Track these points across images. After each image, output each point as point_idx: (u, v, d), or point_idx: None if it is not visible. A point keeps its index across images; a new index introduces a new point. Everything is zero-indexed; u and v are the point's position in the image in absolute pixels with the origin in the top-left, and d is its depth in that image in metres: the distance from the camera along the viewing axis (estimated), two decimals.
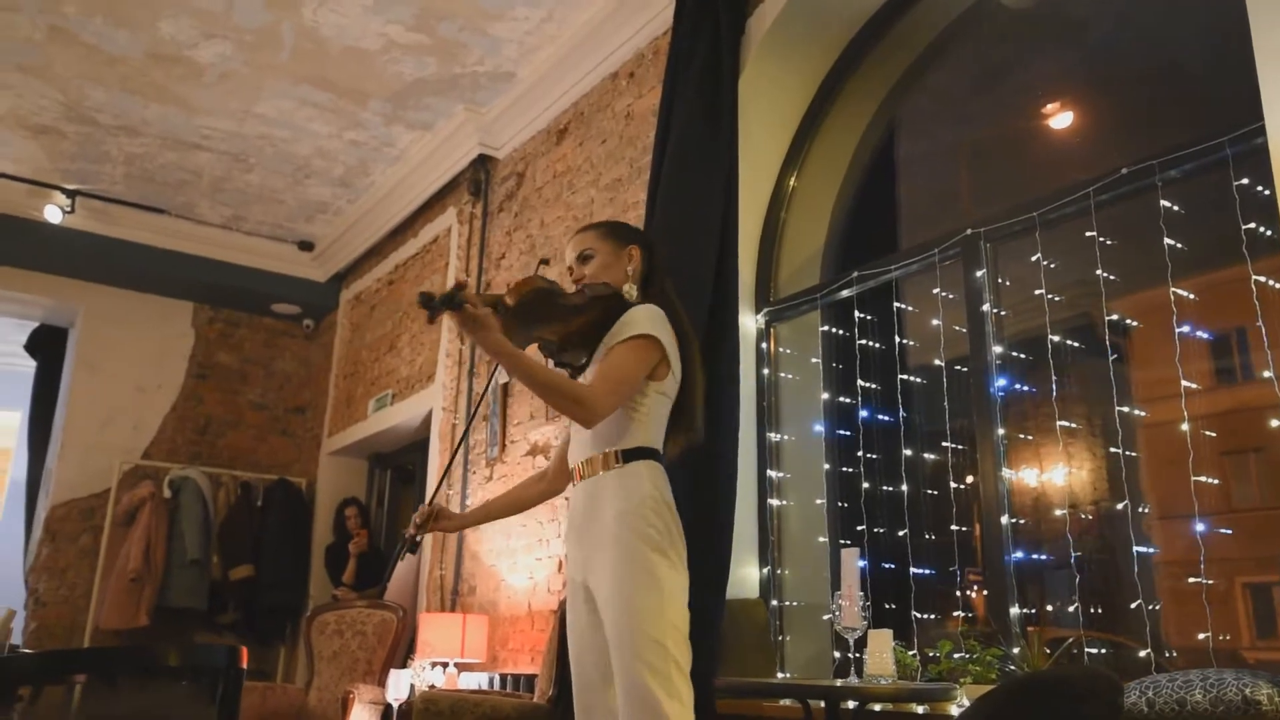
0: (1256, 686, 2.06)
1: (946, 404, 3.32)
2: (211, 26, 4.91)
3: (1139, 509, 2.88)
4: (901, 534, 3.35)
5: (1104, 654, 2.82)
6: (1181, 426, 2.63)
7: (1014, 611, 2.92)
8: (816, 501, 3.72)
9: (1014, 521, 3.02)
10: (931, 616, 3.29)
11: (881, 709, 2.87)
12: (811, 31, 3.95)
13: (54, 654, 4.52)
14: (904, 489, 3.39)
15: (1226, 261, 2.68)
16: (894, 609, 3.29)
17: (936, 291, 3.39)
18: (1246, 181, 2.61)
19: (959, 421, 3.32)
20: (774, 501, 3.81)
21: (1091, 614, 2.84)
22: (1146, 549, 2.80)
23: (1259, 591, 2.93)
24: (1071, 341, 3.08)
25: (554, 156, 5.16)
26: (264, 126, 5.81)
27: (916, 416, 3.51)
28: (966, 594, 3.22)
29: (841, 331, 3.81)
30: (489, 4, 4.65)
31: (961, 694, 2.74)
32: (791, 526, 3.81)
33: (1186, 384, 2.66)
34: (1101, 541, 3.06)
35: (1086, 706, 1.89)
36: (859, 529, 3.53)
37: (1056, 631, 2.93)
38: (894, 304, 3.57)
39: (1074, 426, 3.07)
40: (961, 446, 3.32)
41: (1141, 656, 2.64)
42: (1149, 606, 2.67)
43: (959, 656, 2.96)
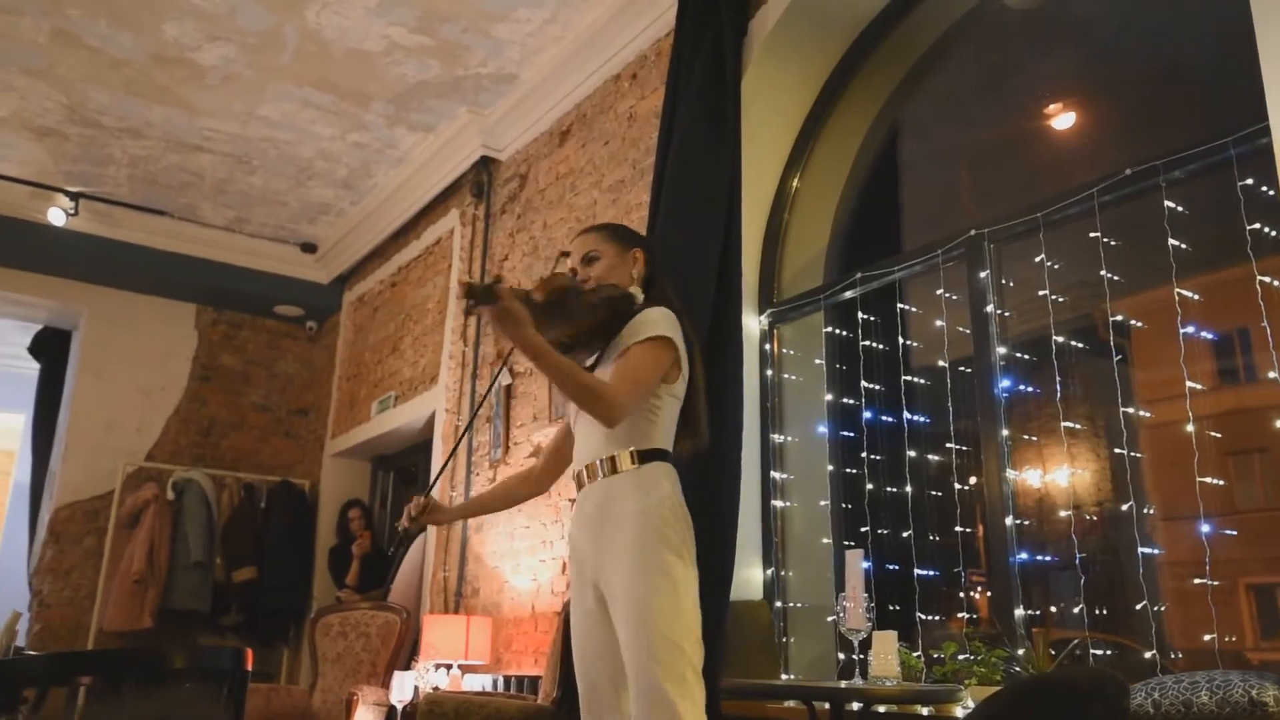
0: (1263, 688, 2.06)
1: (950, 405, 3.32)
2: (215, 29, 4.92)
3: (1143, 510, 2.87)
4: (905, 535, 3.35)
5: (1109, 655, 2.81)
6: (1186, 427, 2.63)
7: (1018, 613, 2.92)
8: (820, 503, 3.72)
9: (1018, 523, 3.02)
10: (936, 618, 3.29)
11: (886, 711, 2.87)
12: (814, 33, 3.95)
13: (60, 656, 4.49)
14: (908, 490, 3.39)
15: (1231, 262, 2.68)
16: (898, 610, 3.29)
17: (940, 292, 3.39)
18: (1251, 182, 2.61)
19: (963, 422, 3.32)
20: (778, 503, 3.81)
21: (1096, 615, 2.83)
22: (1151, 550, 2.80)
23: (1263, 592, 2.91)
24: (1075, 342, 3.07)
25: (557, 158, 5.16)
26: (267, 129, 5.82)
27: (920, 418, 3.51)
28: (971, 595, 3.21)
29: (845, 333, 3.80)
30: (491, 6, 4.66)
31: (966, 695, 2.74)
32: (795, 528, 3.80)
33: (1191, 384, 2.66)
34: (1106, 542, 3.05)
35: (1092, 708, 1.89)
36: (863, 530, 3.52)
37: (1061, 633, 2.93)
38: (897, 305, 3.57)
39: (1078, 427, 3.06)
40: (965, 447, 3.31)
41: (1146, 658, 2.64)
42: (1154, 608, 2.66)
43: (963, 658, 2.96)
